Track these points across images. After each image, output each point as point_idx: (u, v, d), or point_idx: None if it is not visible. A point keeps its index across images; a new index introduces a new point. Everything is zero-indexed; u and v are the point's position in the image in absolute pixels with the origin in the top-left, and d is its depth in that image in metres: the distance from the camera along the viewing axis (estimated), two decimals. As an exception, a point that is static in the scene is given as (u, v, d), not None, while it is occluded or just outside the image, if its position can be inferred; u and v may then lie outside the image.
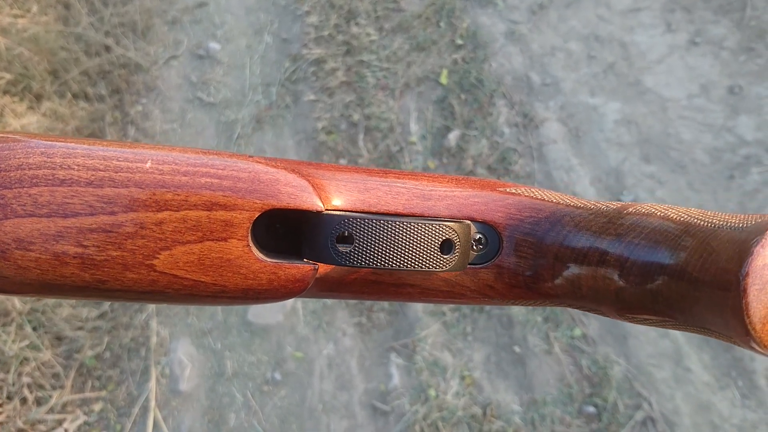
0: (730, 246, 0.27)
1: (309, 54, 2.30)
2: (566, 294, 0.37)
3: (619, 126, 1.99)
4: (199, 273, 0.32)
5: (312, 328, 1.74)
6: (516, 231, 0.38)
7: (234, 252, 0.32)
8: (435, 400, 1.59)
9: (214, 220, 0.31)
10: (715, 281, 0.27)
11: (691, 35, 2.12)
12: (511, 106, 2.08)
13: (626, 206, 0.34)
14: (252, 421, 1.62)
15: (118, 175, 0.31)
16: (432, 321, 1.71)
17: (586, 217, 0.35)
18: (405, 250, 0.33)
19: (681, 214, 0.32)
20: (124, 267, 0.31)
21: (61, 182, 0.30)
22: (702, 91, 2.01)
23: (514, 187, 0.40)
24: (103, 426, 1.65)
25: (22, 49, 2.23)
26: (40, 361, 1.70)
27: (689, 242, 0.29)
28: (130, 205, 0.31)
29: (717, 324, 0.28)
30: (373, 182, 0.36)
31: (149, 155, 0.31)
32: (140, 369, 1.72)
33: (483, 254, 0.38)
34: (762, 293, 0.25)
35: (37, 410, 1.63)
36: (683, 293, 0.29)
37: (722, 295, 0.26)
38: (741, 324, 0.25)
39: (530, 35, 2.22)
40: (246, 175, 0.32)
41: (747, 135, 1.90)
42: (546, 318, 1.69)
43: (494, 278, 0.38)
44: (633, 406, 1.55)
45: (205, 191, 0.31)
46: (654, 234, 0.31)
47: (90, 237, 0.30)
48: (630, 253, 0.32)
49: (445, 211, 0.37)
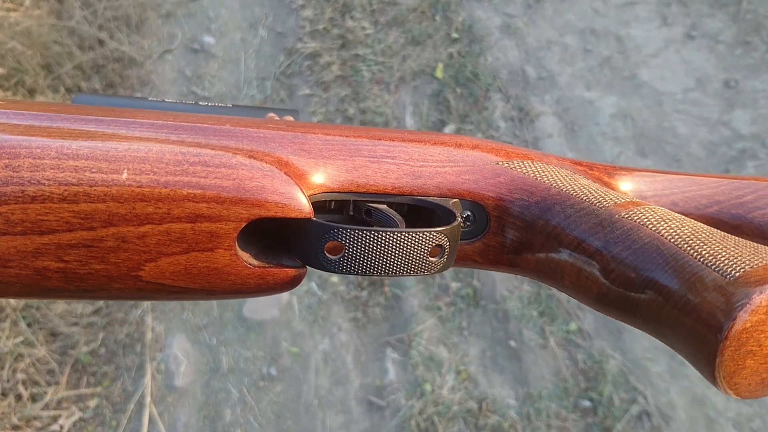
0: (714, 297, 0.26)
1: (304, 48, 2.29)
2: (548, 277, 0.36)
3: (615, 120, 1.99)
4: (186, 281, 0.31)
5: (307, 324, 1.74)
6: (505, 212, 0.37)
7: (221, 261, 0.31)
8: (431, 394, 1.60)
9: (199, 232, 0.30)
10: (694, 326, 0.27)
11: (687, 29, 2.11)
12: (507, 100, 2.07)
13: (618, 208, 0.33)
14: (248, 417, 1.62)
15: (94, 189, 0.28)
16: (427, 316, 1.71)
17: (576, 212, 0.34)
18: (395, 260, 0.32)
19: (672, 232, 0.31)
20: (109, 279, 0.30)
21: (32, 199, 0.28)
22: (698, 84, 2.00)
23: (513, 152, 0.39)
24: (98, 422, 1.64)
25: (15, 43, 2.22)
26: (35, 358, 1.70)
27: (675, 274, 0.29)
28: (109, 220, 0.29)
29: (688, 354, 0.28)
30: (362, 158, 0.35)
31: (125, 161, 0.29)
32: (135, 365, 1.72)
33: (470, 231, 0.38)
34: (737, 353, 0.26)
35: (32, 407, 1.63)
36: (663, 315, 0.29)
37: (698, 340, 0.27)
38: (710, 371, 0.26)
39: (526, 29, 2.21)
40: (230, 183, 0.30)
41: (742, 129, 1.90)
42: (541, 312, 1.69)
43: (478, 254, 0.38)
44: (628, 400, 1.55)
45: (188, 203, 0.29)
46: (643, 251, 0.30)
47: (71, 252, 0.29)
48: (617, 263, 0.31)
49: (435, 190, 0.36)
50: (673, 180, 0.41)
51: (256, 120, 0.36)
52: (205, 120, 0.34)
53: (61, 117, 0.32)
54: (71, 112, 0.33)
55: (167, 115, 0.34)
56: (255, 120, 0.36)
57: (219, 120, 0.35)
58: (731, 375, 0.26)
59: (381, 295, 1.76)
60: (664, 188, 0.41)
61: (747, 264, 0.27)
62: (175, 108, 0.42)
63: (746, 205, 0.40)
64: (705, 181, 0.41)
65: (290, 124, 0.36)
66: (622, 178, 0.41)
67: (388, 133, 0.37)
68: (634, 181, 0.41)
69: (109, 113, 0.33)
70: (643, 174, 0.41)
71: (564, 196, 0.35)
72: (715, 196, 0.41)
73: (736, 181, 0.41)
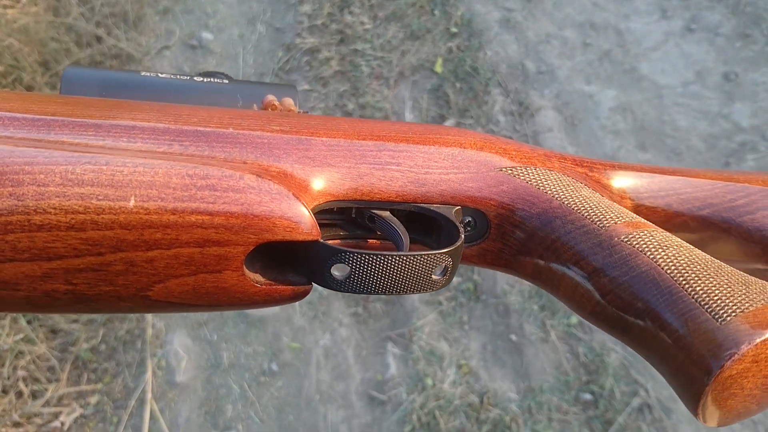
0: (706, 340, 0.28)
1: (302, 43, 2.28)
2: (544, 284, 0.37)
3: (615, 113, 1.98)
4: (194, 299, 0.31)
5: (308, 319, 1.74)
6: (506, 221, 0.37)
7: (228, 281, 0.31)
8: (432, 389, 1.60)
9: (208, 255, 0.30)
10: (685, 363, 0.29)
11: (687, 22, 2.11)
12: (507, 94, 2.07)
13: (618, 230, 0.33)
14: (249, 412, 1.62)
15: (101, 217, 0.28)
16: (428, 310, 1.71)
17: (577, 229, 0.35)
18: (400, 281, 0.32)
19: (669, 262, 0.31)
20: (118, 299, 0.30)
21: (38, 228, 0.27)
22: (697, 77, 2.00)
23: (516, 153, 0.39)
24: (99, 419, 1.64)
25: (12, 40, 2.21)
26: (36, 355, 1.69)
27: (669, 309, 0.30)
28: (117, 246, 0.28)
29: (674, 385, 0.30)
30: (367, 166, 0.35)
31: (131, 186, 0.28)
32: (136, 361, 1.72)
33: (470, 235, 0.38)
34: (721, 395, 0.28)
35: (33, 403, 1.63)
36: (655, 344, 0.30)
37: (687, 377, 0.28)
38: (693, 407, 0.28)
39: (525, 23, 2.21)
40: (238, 208, 0.29)
41: (742, 121, 1.90)
42: (542, 306, 1.69)
43: (476, 256, 0.39)
44: (629, 393, 1.55)
45: (196, 229, 0.29)
46: (640, 280, 0.31)
47: (79, 276, 0.29)
48: (614, 286, 0.32)
49: (438, 197, 0.36)
50: (670, 181, 0.42)
51: (259, 118, 0.36)
52: (207, 121, 0.34)
53: (59, 122, 0.31)
54: (67, 112, 0.32)
55: (167, 114, 0.33)
56: (258, 119, 0.35)
57: (222, 120, 0.34)
58: (712, 412, 0.28)
59: (381, 290, 1.76)
60: (660, 189, 0.42)
61: (738, 307, 0.28)
62: (171, 86, 0.42)
63: (737, 209, 0.41)
64: (700, 184, 0.42)
65: (294, 124, 0.35)
66: (622, 177, 0.42)
67: (392, 131, 0.37)
68: (632, 180, 0.42)
69: (105, 111, 0.33)
70: (642, 174, 0.42)
71: (565, 210, 0.36)
72: (708, 198, 0.42)
73: (730, 184, 0.42)
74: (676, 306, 0.29)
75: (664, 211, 0.41)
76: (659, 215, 0.41)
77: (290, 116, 0.37)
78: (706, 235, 0.41)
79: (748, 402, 0.29)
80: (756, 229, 0.41)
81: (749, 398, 0.28)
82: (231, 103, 0.44)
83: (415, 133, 0.37)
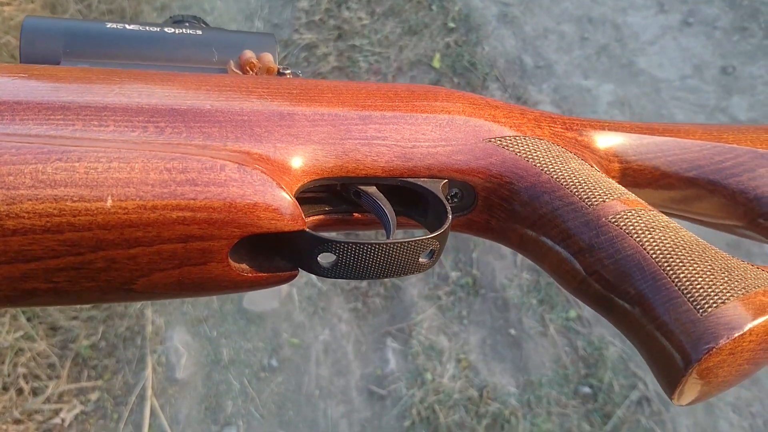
0: (685, 332, 0.29)
1: (300, 39, 2.28)
2: (530, 255, 0.37)
3: (613, 108, 1.98)
4: (179, 290, 0.30)
5: (308, 315, 1.74)
6: (493, 194, 0.36)
7: (213, 272, 0.30)
8: (431, 383, 1.60)
9: (191, 250, 0.29)
10: (665, 348, 0.29)
11: (684, 15, 2.11)
12: (504, 89, 2.07)
13: (606, 210, 0.33)
14: (249, 408, 1.63)
15: (77, 219, 0.26)
16: (427, 305, 1.72)
17: (565, 206, 0.34)
18: (387, 266, 0.32)
19: (655, 246, 0.32)
20: (102, 292, 0.29)
21: (12, 233, 0.26)
22: (695, 71, 2.00)
23: (504, 117, 0.38)
24: (100, 415, 1.65)
25: (10, 38, 2.21)
26: (36, 352, 1.70)
27: (653, 294, 0.30)
28: (97, 246, 0.27)
29: (652, 366, 0.31)
30: (352, 141, 0.33)
31: (107, 185, 0.27)
32: (136, 358, 1.72)
33: (456, 206, 0.37)
34: (696, 382, 0.29)
35: (34, 400, 1.63)
36: (637, 326, 0.31)
37: (666, 362, 0.29)
38: (669, 390, 0.30)
39: (523, 17, 2.21)
40: (221, 203, 0.28)
41: (740, 115, 1.90)
42: (541, 300, 1.69)
43: (462, 226, 0.38)
44: (628, 387, 1.56)
45: (178, 226, 0.28)
46: (625, 263, 0.31)
47: (59, 275, 0.27)
48: (599, 267, 0.32)
49: (425, 171, 0.35)
50: (659, 143, 0.42)
51: (237, 89, 0.34)
52: (183, 96, 0.32)
53: (23, 105, 0.28)
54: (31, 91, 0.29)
55: (139, 89, 0.31)
56: (236, 89, 0.34)
57: (198, 94, 0.32)
58: (686, 396, 0.30)
59: (380, 285, 1.77)
60: (648, 152, 0.41)
61: (720, 298, 0.29)
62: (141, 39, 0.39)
63: (724, 171, 0.41)
64: (689, 145, 0.42)
65: (274, 95, 0.34)
66: (611, 138, 0.41)
67: (377, 99, 0.36)
68: (621, 141, 0.41)
69: (73, 87, 0.30)
70: (631, 135, 0.41)
71: (554, 185, 0.35)
72: (696, 161, 0.41)
73: (719, 146, 0.42)
74: (660, 292, 0.30)
75: (651, 172, 0.41)
76: (646, 176, 0.42)
77: (269, 83, 0.35)
78: (691, 193, 0.42)
79: (721, 386, 0.30)
80: (740, 192, 0.41)
81: (723, 383, 0.30)
82: (205, 56, 0.41)
83: (402, 99, 0.36)
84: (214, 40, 0.41)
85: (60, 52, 0.38)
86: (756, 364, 0.30)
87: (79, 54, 0.38)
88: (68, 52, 0.38)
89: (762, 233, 0.41)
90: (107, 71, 0.33)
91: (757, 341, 0.28)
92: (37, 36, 0.38)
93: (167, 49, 0.40)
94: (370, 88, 0.37)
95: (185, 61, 0.40)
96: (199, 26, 0.42)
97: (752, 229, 0.42)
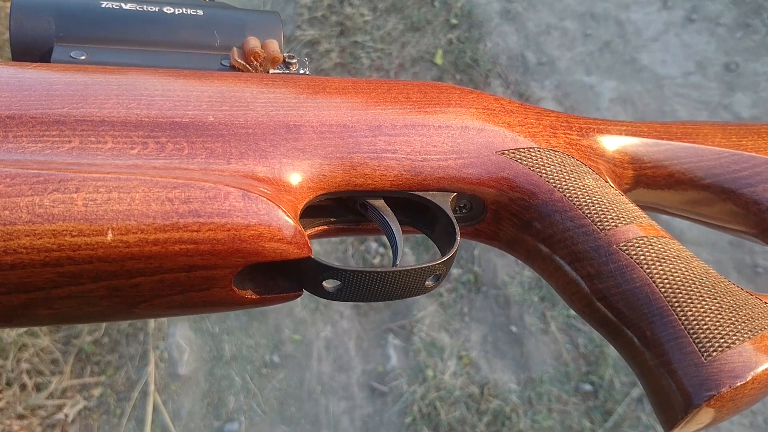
0: (689, 375, 0.29)
1: (302, 35, 2.28)
2: (536, 269, 0.37)
3: (615, 104, 1.98)
4: (182, 311, 0.30)
5: (310, 311, 1.74)
6: (503, 208, 0.35)
7: (217, 296, 0.29)
8: (433, 380, 1.60)
9: (194, 278, 0.28)
10: (666, 386, 0.30)
11: (687, 12, 2.10)
12: (507, 85, 2.06)
13: (617, 237, 0.33)
14: (251, 404, 1.63)
15: (77, 254, 0.25)
16: (429, 302, 1.72)
17: (575, 227, 0.34)
18: (392, 291, 0.32)
19: (664, 278, 0.31)
20: (103, 315, 0.29)
21: (11, 267, 0.25)
22: (698, 68, 1.99)
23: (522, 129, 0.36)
24: (103, 410, 1.65)
25: (12, 34, 2.21)
26: (39, 347, 1.71)
27: (658, 330, 0.30)
28: (98, 277, 0.26)
29: (651, 399, 0.31)
30: (361, 155, 0.32)
31: (107, 219, 0.26)
32: (139, 353, 1.73)
33: (464, 217, 0.37)
34: (691, 422, 0.29)
35: (37, 396, 1.64)
36: (639, 358, 0.31)
37: (666, 401, 0.30)
38: (666, 428, 0.30)
39: (525, 14, 2.20)
40: (225, 235, 0.27)
41: (743, 112, 1.90)
42: (542, 297, 1.69)
43: (469, 234, 0.38)
44: (629, 384, 1.56)
45: (180, 258, 0.27)
46: (632, 295, 0.31)
47: (60, 302, 0.27)
48: (606, 294, 0.32)
49: (434, 184, 0.34)
50: (675, 150, 0.41)
51: (242, 93, 0.32)
52: (184, 105, 0.30)
53: (16, 119, 0.27)
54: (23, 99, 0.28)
55: (138, 96, 0.30)
56: (241, 94, 0.32)
57: (200, 103, 0.31)
58: (680, 429, 0.30)
59: (382, 282, 1.77)
60: (665, 159, 0.41)
61: (725, 341, 0.29)
62: (138, 19, 0.36)
63: (740, 180, 0.41)
64: (706, 153, 0.41)
65: (280, 97, 0.32)
66: (627, 144, 0.40)
67: (388, 105, 0.34)
68: (637, 148, 0.40)
69: (67, 88, 0.29)
70: (647, 142, 0.40)
71: (566, 204, 0.34)
72: (712, 169, 0.41)
73: (737, 154, 0.41)
74: (666, 329, 0.30)
75: (665, 179, 0.41)
76: (659, 181, 0.41)
77: (275, 85, 0.34)
78: (703, 197, 0.41)
79: (717, 422, 0.30)
80: (754, 202, 0.40)
81: (716, 419, 0.30)
82: (207, 40, 0.38)
83: (413, 104, 0.35)
84: (216, 21, 0.38)
85: (53, 37, 0.35)
86: (755, 402, 0.30)
87: (72, 39, 0.36)
88: (61, 37, 0.35)
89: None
90: (103, 70, 0.32)
91: (759, 387, 0.29)
92: (28, 18, 0.35)
93: (167, 31, 0.37)
94: (381, 90, 0.35)
95: (186, 46, 0.38)
96: (200, 9, 0.39)
97: (763, 239, 0.41)
